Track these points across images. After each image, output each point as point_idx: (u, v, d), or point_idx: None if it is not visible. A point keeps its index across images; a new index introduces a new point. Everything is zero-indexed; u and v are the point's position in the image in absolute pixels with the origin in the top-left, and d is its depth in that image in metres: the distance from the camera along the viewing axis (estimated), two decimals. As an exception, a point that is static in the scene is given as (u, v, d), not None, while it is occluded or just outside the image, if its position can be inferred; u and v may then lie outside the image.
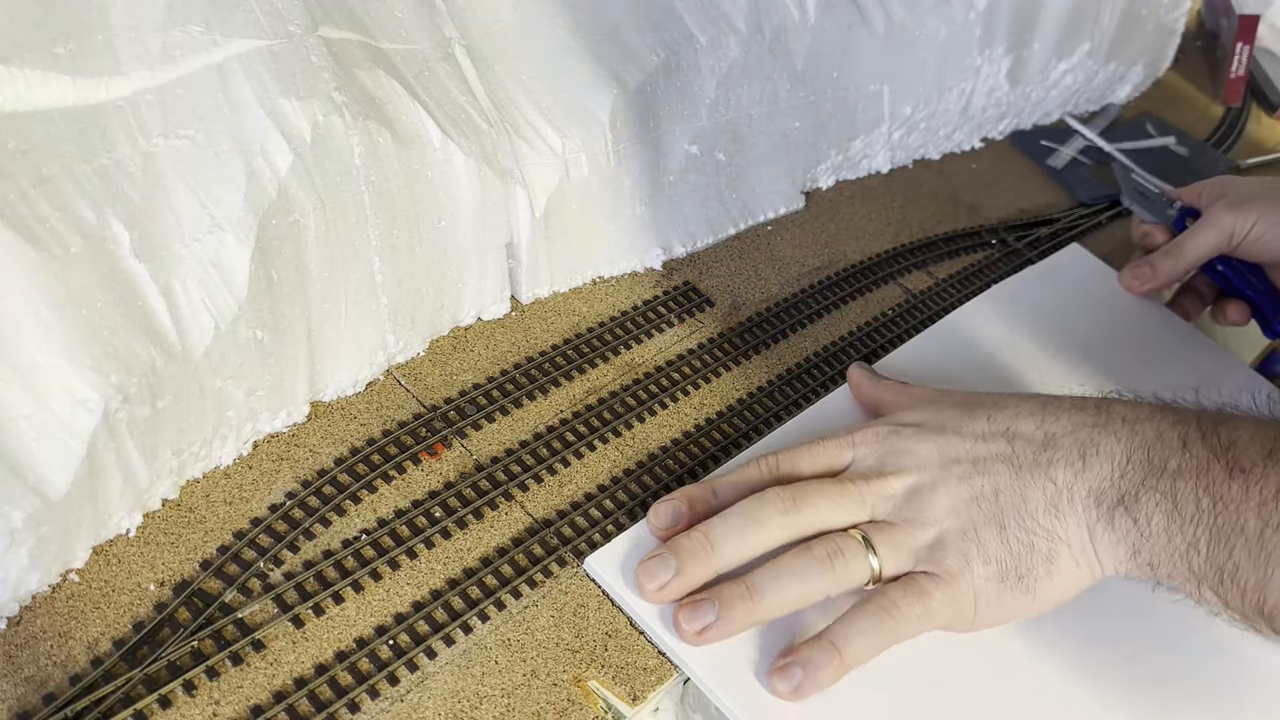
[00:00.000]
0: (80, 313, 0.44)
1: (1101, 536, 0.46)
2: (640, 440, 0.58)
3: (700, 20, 0.65)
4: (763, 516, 0.48)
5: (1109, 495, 0.46)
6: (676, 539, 0.49)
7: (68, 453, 0.43)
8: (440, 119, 0.55)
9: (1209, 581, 0.44)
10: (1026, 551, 0.47)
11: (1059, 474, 0.47)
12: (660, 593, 0.48)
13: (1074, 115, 0.95)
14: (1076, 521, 0.46)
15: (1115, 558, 0.46)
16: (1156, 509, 0.45)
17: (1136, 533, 0.45)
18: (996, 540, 0.47)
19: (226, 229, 0.48)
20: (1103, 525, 0.46)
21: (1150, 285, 0.71)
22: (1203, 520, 0.44)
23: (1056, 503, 0.47)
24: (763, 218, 0.75)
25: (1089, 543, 0.46)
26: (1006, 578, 0.47)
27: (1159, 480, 0.45)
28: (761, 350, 0.65)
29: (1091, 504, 0.46)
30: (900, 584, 0.47)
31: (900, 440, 0.50)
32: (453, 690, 0.46)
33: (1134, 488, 0.46)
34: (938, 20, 0.77)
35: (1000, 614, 0.47)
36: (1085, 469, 0.47)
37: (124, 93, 0.47)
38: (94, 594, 0.46)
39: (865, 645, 0.46)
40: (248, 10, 0.50)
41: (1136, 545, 0.45)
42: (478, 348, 0.61)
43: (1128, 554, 0.46)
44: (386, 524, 0.51)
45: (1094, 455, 0.47)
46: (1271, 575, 0.42)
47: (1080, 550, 0.46)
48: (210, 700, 0.43)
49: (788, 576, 0.47)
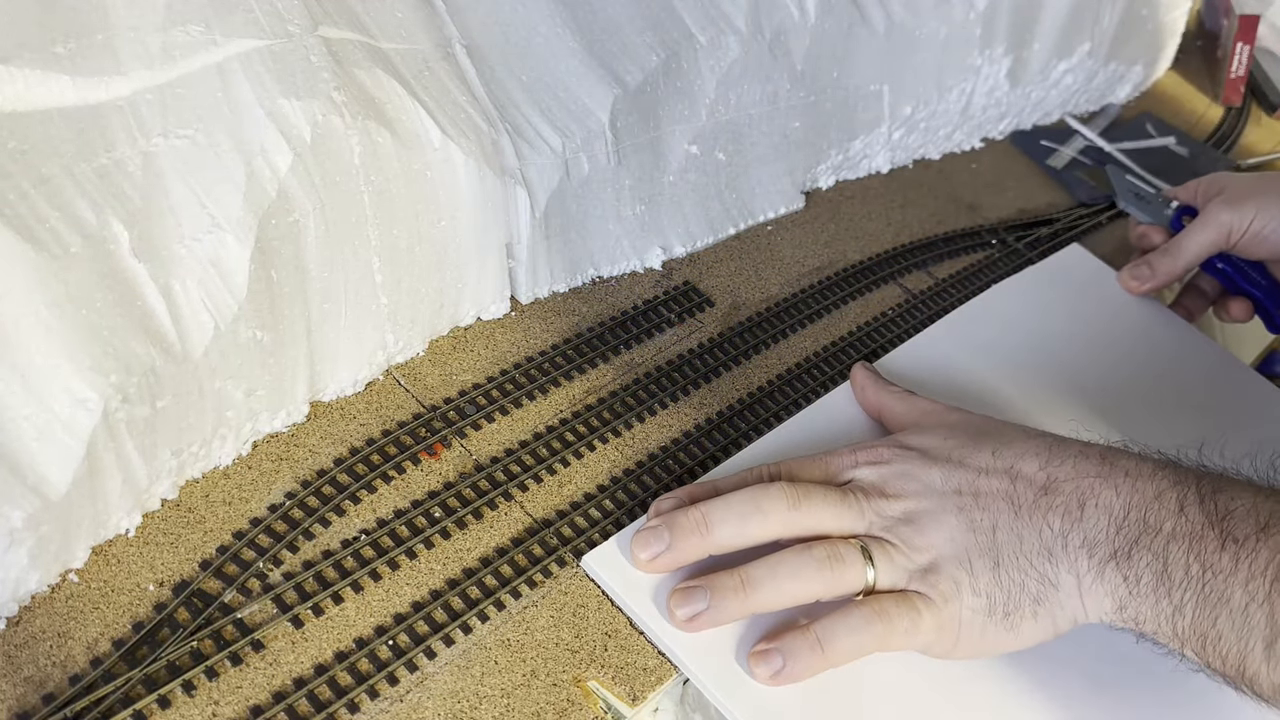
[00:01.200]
0: (80, 313, 0.44)
1: (1090, 587, 0.47)
2: (640, 440, 0.58)
3: (700, 20, 0.65)
4: (767, 507, 0.49)
5: (1102, 548, 0.47)
6: (674, 514, 0.49)
7: (67, 453, 0.43)
8: (440, 119, 0.55)
9: (1192, 644, 0.44)
10: (1017, 590, 0.47)
11: (1056, 520, 0.48)
12: (651, 563, 0.49)
13: (1074, 115, 0.95)
14: (1069, 569, 0.47)
15: (1101, 608, 0.47)
16: (1147, 569, 0.45)
17: (1125, 589, 0.46)
18: (989, 574, 0.47)
19: (226, 229, 0.47)
20: (1092, 576, 0.47)
21: (1149, 285, 0.71)
22: (1191, 586, 0.44)
23: (1051, 547, 0.47)
24: (763, 218, 0.75)
25: (1077, 590, 0.47)
26: (994, 613, 0.47)
27: (1153, 540, 0.46)
28: (761, 350, 0.65)
29: (1084, 554, 0.47)
30: (894, 596, 0.48)
31: (905, 464, 0.51)
32: (452, 690, 0.46)
33: (1127, 544, 0.46)
34: (938, 20, 0.77)
35: (980, 647, 0.48)
36: (1083, 518, 0.47)
37: (124, 93, 0.47)
38: (93, 594, 0.46)
39: (849, 645, 0.47)
40: (248, 10, 0.50)
41: (1123, 601, 0.46)
42: (477, 348, 0.61)
43: (1114, 607, 0.46)
44: (386, 524, 0.51)
45: (1092, 506, 0.47)
46: (1252, 648, 0.43)
47: (1068, 596, 0.47)
48: (210, 700, 0.43)
49: (784, 574, 0.47)
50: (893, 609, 0.47)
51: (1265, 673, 0.42)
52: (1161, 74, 1.04)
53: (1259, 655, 0.42)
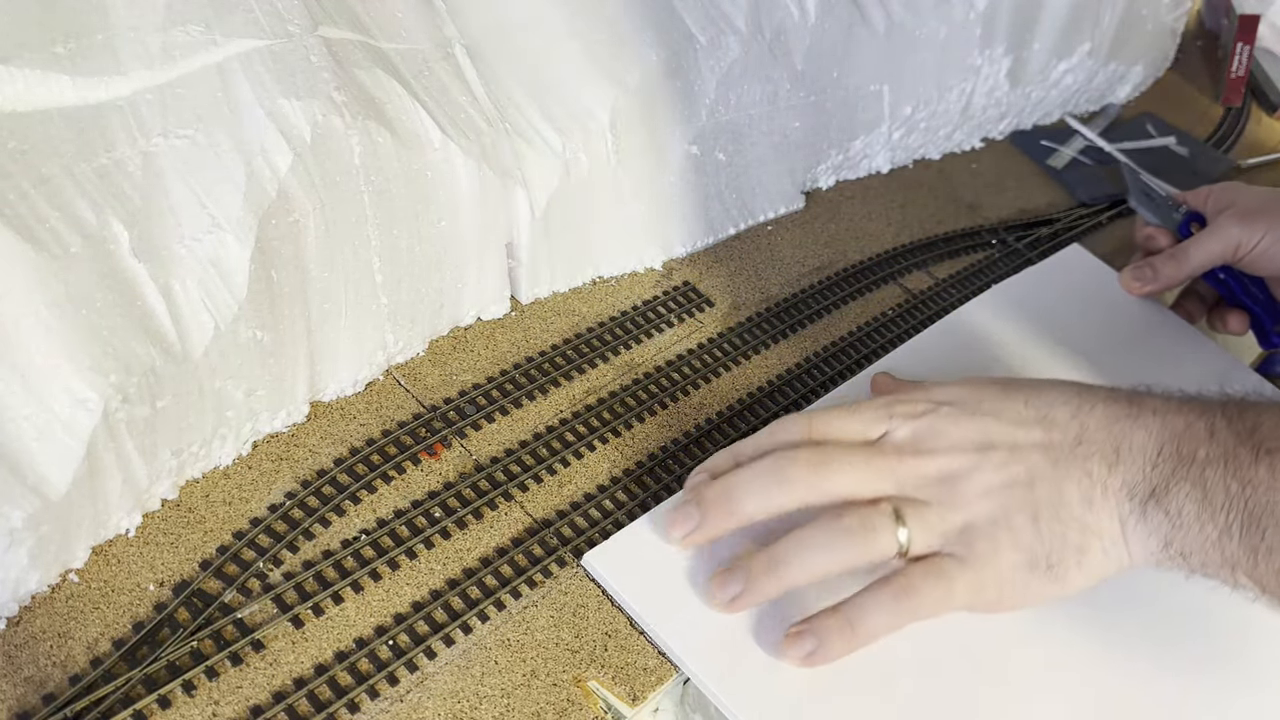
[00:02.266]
0: (80, 313, 0.44)
1: (1134, 529, 0.47)
2: (640, 440, 0.58)
3: (700, 20, 0.65)
4: (789, 475, 0.48)
5: (1141, 489, 0.47)
6: (701, 489, 0.50)
7: (67, 453, 0.43)
8: (440, 119, 0.55)
9: (1243, 566, 0.44)
10: (1059, 542, 0.47)
11: (1094, 467, 0.47)
12: (685, 540, 0.50)
13: (1074, 115, 0.95)
14: (1110, 515, 0.47)
15: (1147, 549, 0.47)
16: (1187, 499, 0.45)
17: (1169, 524, 0.46)
18: (1029, 529, 0.47)
19: (226, 229, 0.47)
20: (1135, 518, 0.46)
21: (1151, 288, 0.71)
22: (1233, 506, 0.44)
23: (1090, 496, 0.47)
24: (763, 218, 0.75)
25: (1120, 536, 0.47)
26: (1036, 566, 0.47)
27: (1189, 470, 0.46)
28: (761, 350, 0.65)
29: (1125, 497, 0.47)
30: (923, 565, 0.47)
31: (938, 419, 0.50)
32: (452, 690, 0.46)
33: (1165, 480, 0.46)
34: (938, 20, 0.77)
35: (1025, 600, 0.48)
36: (1119, 462, 0.47)
37: (124, 93, 0.47)
38: (93, 594, 0.46)
39: (880, 623, 0.47)
40: (248, 10, 0.50)
41: (1169, 536, 0.46)
42: (477, 348, 0.61)
43: (1159, 545, 0.46)
44: (386, 524, 0.51)
45: (1127, 449, 0.47)
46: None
47: (1112, 542, 0.47)
48: (210, 700, 0.43)
49: (813, 547, 0.47)
50: (921, 582, 0.47)
51: None
52: (1161, 74, 1.04)
53: None
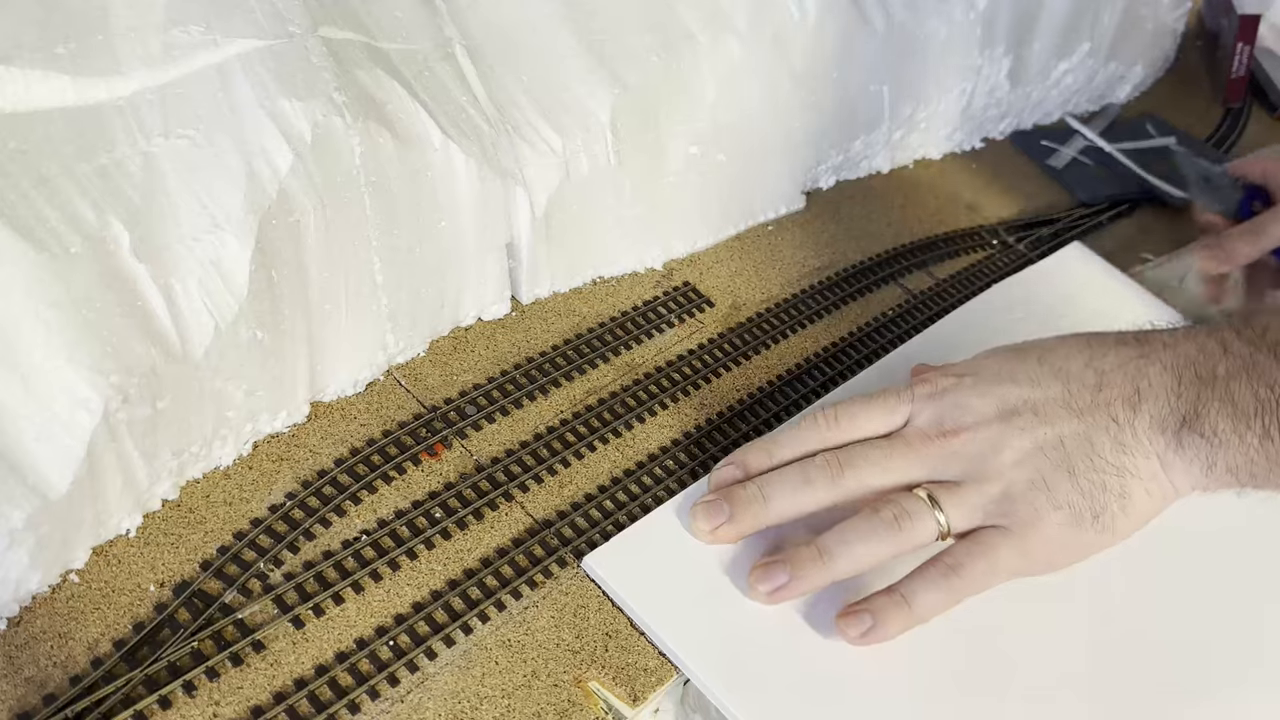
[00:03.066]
0: (80, 313, 0.43)
1: (1173, 463, 0.47)
2: (640, 440, 0.58)
3: (700, 20, 0.65)
4: (814, 479, 0.50)
5: (1170, 421, 0.47)
6: (732, 488, 0.51)
7: (68, 453, 0.43)
8: (440, 119, 0.55)
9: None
10: (1099, 491, 0.47)
11: (1118, 411, 0.48)
12: (713, 534, 0.51)
13: (1074, 115, 0.95)
14: (1145, 454, 0.47)
15: (1190, 477, 0.47)
16: (1219, 416, 0.46)
17: (1207, 446, 0.46)
18: (1067, 485, 0.47)
19: (226, 229, 0.47)
20: (1172, 451, 0.47)
21: (1227, 266, 0.71)
22: (1266, 410, 0.45)
23: (1121, 440, 0.47)
24: (763, 218, 0.75)
25: (1160, 472, 0.47)
26: (1081, 520, 0.47)
27: (1213, 389, 0.46)
28: (761, 350, 0.65)
29: (1156, 433, 0.47)
30: (967, 542, 0.47)
31: (957, 394, 0.50)
32: (453, 691, 0.46)
33: (1192, 406, 0.46)
34: (938, 20, 0.77)
35: (1076, 554, 0.48)
36: (1141, 401, 0.48)
37: (124, 93, 0.47)
38: (94, 594, 0.46)
39: (933, 600, 0.47)
40: (248, 10, 0.50)
41: (1210, 459, 0.46)
42: (478, 348, 0.61)
43: (1203, 470, 0.46)
44: (386, 525, 0.51)
45: (1147, 386, 0.48)
46: None
47: (1152, 480, 0.47)
48: (210, 701, 0.43)
49: (855, 540, 0.48)
50: (966, 558, 0.47)
51: None
52: (1161, 74, 1.04)
53: None
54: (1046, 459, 0.48)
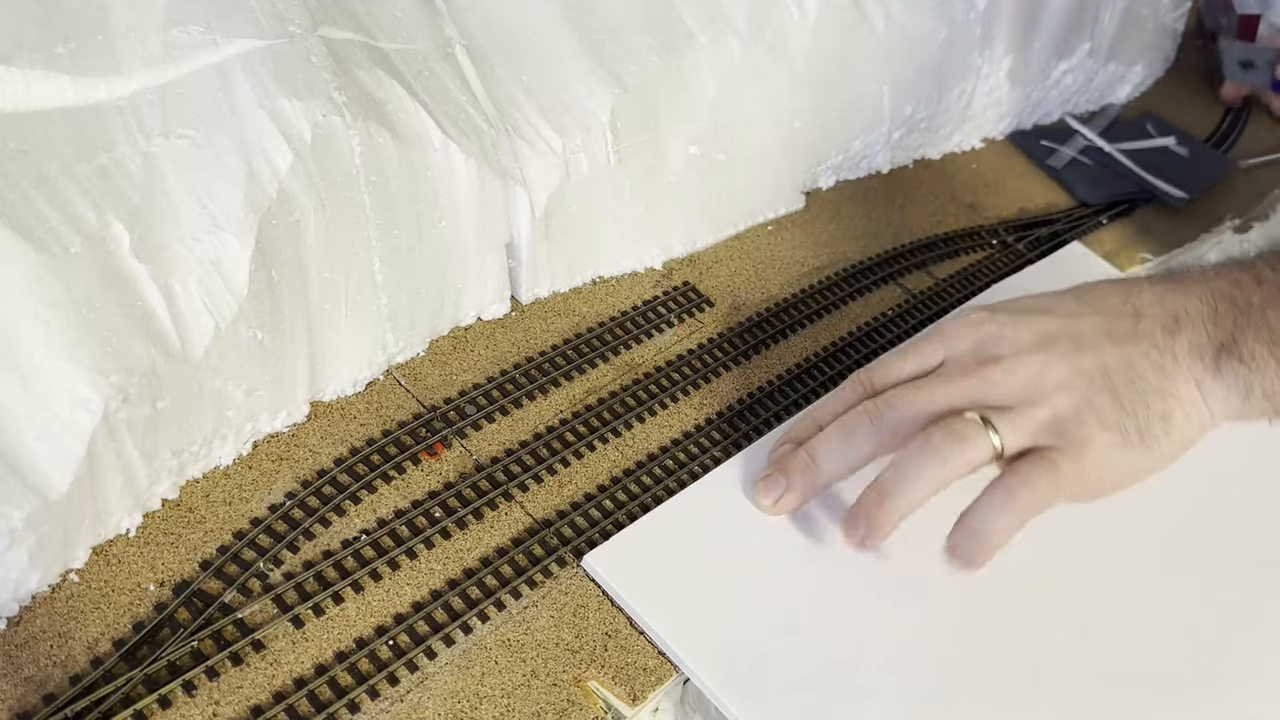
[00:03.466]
0: (80, 313, 0.44)
1: (1211, 388, 0.47)
2: (640, 440, 0.58)
3: (700, 20, 0.65)
4: (855, 430, 0.50)
5: (1208, 349, 0.48)
6: (784, 458, 0.52)
7: (68, 453, 0.43)
8: (440, 119, 0.55)
9: None
10: (1143, 411, 0.47)
11: (1158, 338, 0.48)
12: (775, 506, 0.52)
13: (1074, 115, 0.95)
14: (1184, 379, 0.48)
15: (1228, 405, 0.48)
16: (1256, 342, 0.47)
17: (1245, 370, 0.47)
18: (1113, 407, 0.47)
19: (226, 229, 0.47)
20: (1210, 376, 0.47)
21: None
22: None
23: (1162, 364, 0.48)
24: (763, 218, 0.75)
25: (1199, 397, 0.48)
26: (1129, 441, 0.47)
27: (1249, 317, 0.47)
28: (761, 350, 0.65)
29: (1194, 360, 0.48)
30: (1026, 461, 0.47)
31: (994, 325, 0.51)
32: (452, 690, 0.46)
33: (1229, 333, 0.47)
34: (938, 20, 0.77)
35: (1125, 478, 0.48)
36: (1179, 329, 0.48)
37: (124, 93, 0.47)
38: (94, 594, 0.46)
39: (1004, 524, 0.47)
40: (248, 10, 0.50)
41: (1248, 384, 0.47)
42: (478, 348, 0.61)
43: (1240, 397, 0.47)
44: (386, 524, 0.51)
45: (1184, 315, 0.49)
46: None
47: (1191, 405, 0.48)
48: (210, 700, 0.43)
49: (910, 474, 0.48)
50: (1030, 472, 0.47)
51: None
52: (1161, 74, 1.04)
53: None
54: (1090, 384, 0.48)
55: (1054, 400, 0.48)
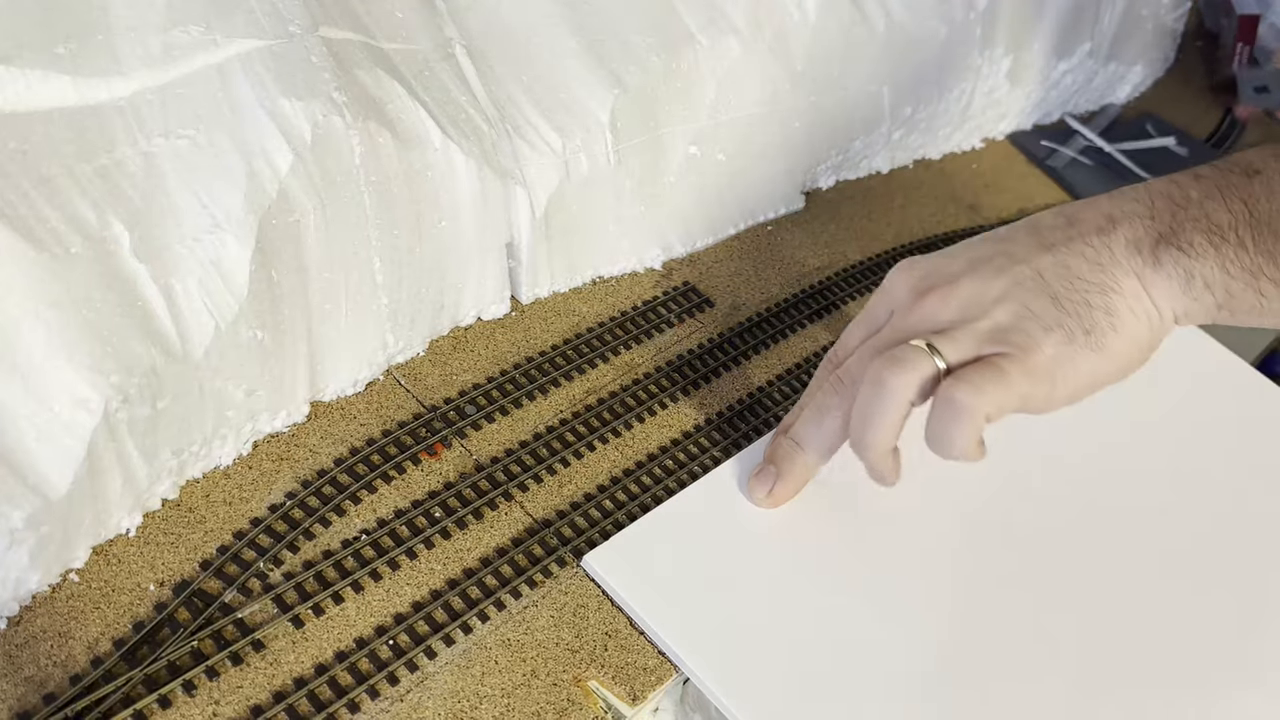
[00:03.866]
0: (80, 313, 0.44)
1: (1152, 279, 0.47)
2: (640, 440, 0.58)
3: (700, 20, 0.65)
4: (823, 404, 0.51)
5: (1146, 241, 0.47)
6: (772, 449, 0.53)
7: (68, 453, 0.43)
8: (440, 119, 0.55)
9: (1267, 272, 0.45)
10: (1084, 309, 0.47)
11: (1092, 238, 0.48)
12: (770, 497, 0.53)
13: (1074, 115, 0.95)
14: (1124, 272, 0.47)
15: (1170, 296, 0.47)
16: (1195, 231, 0.46)
17: (1185, 258, 0.46)
18: (1052, 308, 0.47)
19: (227, 229, 0.48)
20: (1150, 268, 0.47)
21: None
22: (1240, 221, 0.45)
23: (1099, 260, 0.48)
24: (763, 218, 0.75)
25: (1142, 290, 0.47)
26: (1074, 338, 0.47)
27: (1188, 210, 0.47)
28: (761, 350, 0.65)
29: (1133, 253, 0.47)
30: (972, 365, 0.47)
31: (927, 263, 0.51)
32: (453, 690, 0.46)
33: (1167, 226, 0.47)
34: (938, 20, 0.77)
35: (1078, 379, 0.48)
36: (1115, 226, 0.48)
37: (124, 93, 0.47)
38: (94, 594, 0.46)
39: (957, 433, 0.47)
40: (248, 10, 0.50)
41: (1189, 271, 0.46)
42: (478, 348, 0.61)
43: (1181, 286, 0.47)
44: (386, 524, 0.51)
45: (1120, 213, 0.48)
46: None
47: (1135, 298, 0.47)
48: (210, 700, 0.43)
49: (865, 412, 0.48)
50: (974, 375, 0.46)
51: None
52: (1161, 74, 1.04)
53: None
54: (1027, 291, 0.48)
55: (993, 313, 0.48)
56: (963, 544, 0.55)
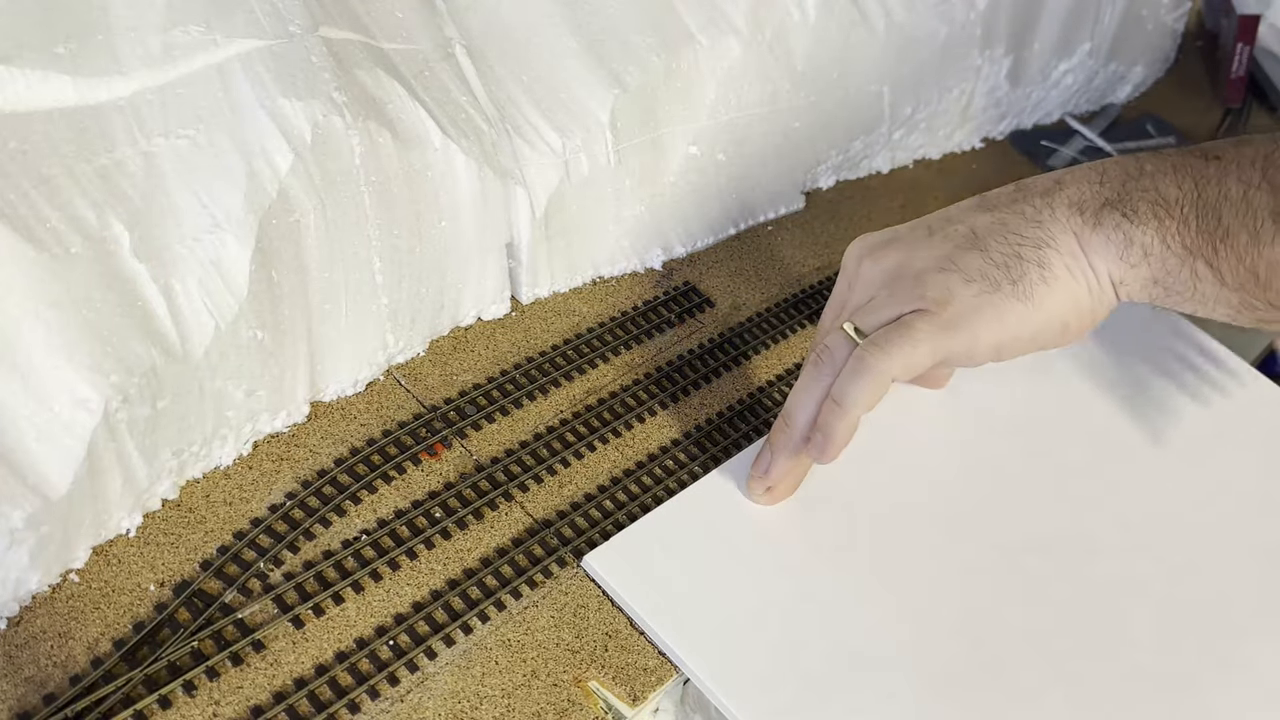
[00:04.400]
0: (80, 313, 0.44)
1: (1090, 239, 0.47)
2: (640, 440, 0.58)
3: (700, 20, 0.65)
4: (806, 377, 0.51)
5: (1091, 203, 0.47)
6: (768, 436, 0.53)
7: (68, 453, 0.43)
8: (440, 119, 0.55)
9: (1203, 254, 0.44)
10: (1014, 260, 0.47)
11: (1036, 199, 0.48)
12: (766, 477, 0.52)
13: (1074, 115, 0.95)
14: (1062, 229, 0.47)
15: (1107, 258, 0.46)
16: (1142, 200, 0.46)
17: (1127, 224, 0.46)
18: (978, 259, 0.47)
19: (227, 229, 0.48)
20: (1089, 228, 0.47)
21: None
22: (1187, 199, 0.45)
23: (1039, 217, 0.47)
24: (763, 218, 0.75)
25: (1079, 249, 0.47)
26: (999, 287, 0.47)
27: (1139, 181, 0.46)
28: (761, 350, 0.65)
29: (1075, 212, 0.47)
30: (886, 326, 0.48)
31: (875, 235, 0.52)
32: (453, 691, 0.46)
33: (1115, 192, 0.47)
34: (938, 20, 0.77)
35: (1002, 329, 0.47)
36: (1061, 187, 0.48)
37: (124, 93, 0.47)
38: (94, 594, 0.46)
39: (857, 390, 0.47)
40: (248, 10, 0.50)
41: (1129, 236, 0.46)
42: (478, 348, 0.61)
43: (1119, 250, 0.46)
44: (386, 524, 0.51)
45: (1068, 179, 0.48)
46: (1261, 227, 0.43)
47: (1072, 256, 0.47)
48: (210, 701, 0.43)
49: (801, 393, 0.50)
50: (880, 339, 0.47)
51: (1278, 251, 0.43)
52: (1161, 74, 1.04)
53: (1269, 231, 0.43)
54: (957, 246, 0.48)
55: (919, 272, 0.48)
56: (962, 544, 0.55)
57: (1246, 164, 0.44)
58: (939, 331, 0.46)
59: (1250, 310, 0.44)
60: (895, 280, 0.49)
